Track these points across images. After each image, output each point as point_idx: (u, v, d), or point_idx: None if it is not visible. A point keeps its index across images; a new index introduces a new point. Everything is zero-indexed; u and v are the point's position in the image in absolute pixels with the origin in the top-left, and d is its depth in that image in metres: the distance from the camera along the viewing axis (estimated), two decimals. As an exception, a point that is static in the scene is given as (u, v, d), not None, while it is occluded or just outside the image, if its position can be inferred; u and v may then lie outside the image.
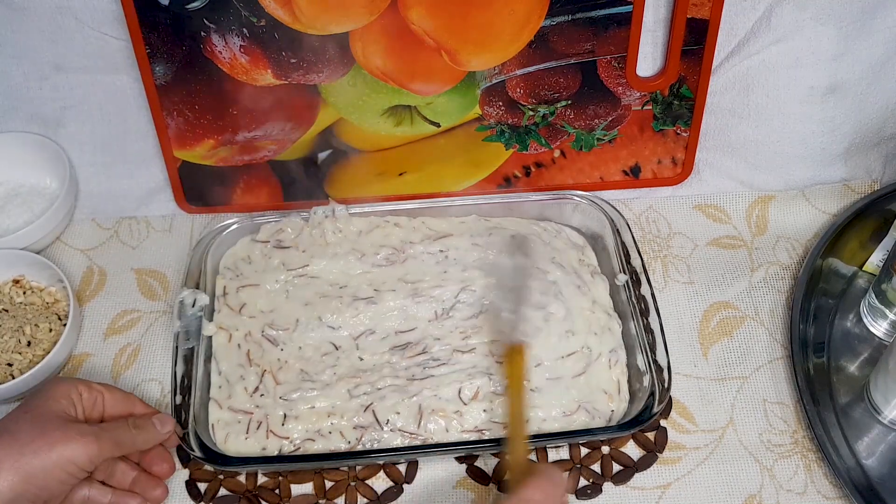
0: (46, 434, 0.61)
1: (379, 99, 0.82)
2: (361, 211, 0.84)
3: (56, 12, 0.76)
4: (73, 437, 0.61)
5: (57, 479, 0.61)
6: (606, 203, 0.85)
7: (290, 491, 0.72)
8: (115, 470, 0.68)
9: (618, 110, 0.84)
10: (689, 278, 0.85)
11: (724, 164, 0.89)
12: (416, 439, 0.71)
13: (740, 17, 0.79)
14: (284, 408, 0.72)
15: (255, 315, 0.78)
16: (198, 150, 0.85)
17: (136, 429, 0.66)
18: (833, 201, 0.89)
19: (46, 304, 0.81)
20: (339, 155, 0.86)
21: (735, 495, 0.71)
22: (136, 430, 0.66)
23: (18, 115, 0.85)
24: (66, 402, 0.65)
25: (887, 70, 0.82)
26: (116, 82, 0.82)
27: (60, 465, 0.60)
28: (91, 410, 0.67)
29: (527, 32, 0.78)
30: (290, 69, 0.79)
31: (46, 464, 0.60)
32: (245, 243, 0.84)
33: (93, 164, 0.88)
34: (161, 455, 0.70)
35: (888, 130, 0.87)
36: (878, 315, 0.78)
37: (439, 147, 0.86)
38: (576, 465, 0.73)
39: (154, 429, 0.68)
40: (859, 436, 0.73)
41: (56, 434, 0.61)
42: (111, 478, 0.68)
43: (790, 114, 0.84)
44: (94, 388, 0.67)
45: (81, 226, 0.89)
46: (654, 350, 0.74)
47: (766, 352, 0.80)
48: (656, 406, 0.71)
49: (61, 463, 0.60)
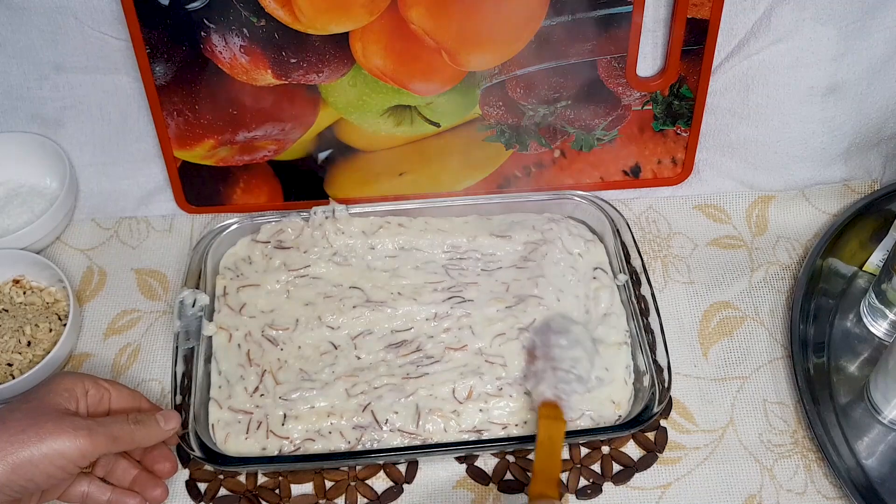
0: (38, 426, 0.60)
1: (379, 99, 0.82)
2: (362, 211, 0.84)
3: (56, 12, 0.76)
4: (65, 431, 0.60)
5: (44, 472, 0.59)
6: (606, 203, 0.85)
7: (290, 491, 0.72)
8: (117, 467, 0.68)
9: (618, 110, 0.84)
10: (689, 278, 0.85)
11: (724, 164, 0.89)
12: (416, 439, 0.71)
13: (740, 17, 0.79)
14: (284, 408, 0.72)
15: (255, 315, 0.78)
16: (198, 150, 0.85)
17: (135, 424, 0.65)
18: (833, 201, 0.89)
19: (46, 304, 0.81)
20: (339, 155, 0.86)
21: (735, 495, 0.71)
22: (136, 425, 0.65)
23: (18, 115, 0.85)
24: (66, 396, 0.64)
25: (887, 70, 0.82)
26: (116, 82, 0.82)
27: (49, 457, 0.59)
28: (96, 406, 0.66)
29: (527, 32, 0.78)
30: (290, 69, 0.79)
31: (34, 455, 0.59)
32: (245, 243, 0.84)
33: (93, 164, 0.88)
34: (163, 454, 0.69)
35: (888, 130, 0.87)
36: (878, 315, 0.78)
37: (439, 147, 0.86)
38: (576, 465, 0.73)
39: (156, 425, 0.66)
40: (859, 436, 0.73)
41: (48, 426, 0.60)
42: (112, 475, 0.68)
43: (790, 114, 0.84)
44: (100, 385, 0.66)
45: (81, 226, 0.89)
46: (654, 350, 0.74)
47: (766, 352, 0.80)
48: (656, 406, 0.71)
49: (50, 455, 0.59)
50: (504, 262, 0.82)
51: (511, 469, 0.73)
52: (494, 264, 0.82)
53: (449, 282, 0.80)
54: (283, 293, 0.80)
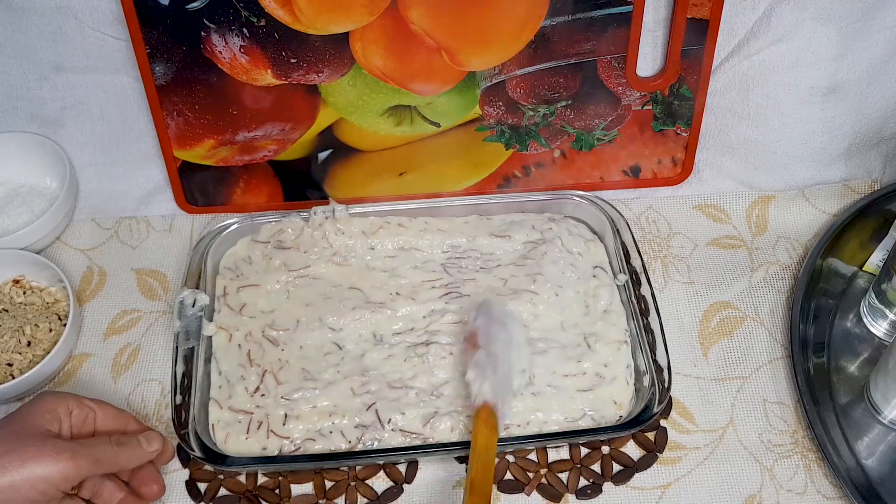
0: (20, 450, 0.58)
1: (379, 99, 0.82)
2: (362, 211, 0.84)
3: (56, 12, 0.76)
4: (48, 455, 0.59)
5: (27, 497, 0.58)
6: (606, 203, 0.85)
7: (290, 491, 0.72)
8: (103, 489, 0.65)
9: (618, 110, 0.84)
10: (689, 278, 0.85)
11: (724, 164, 0.89)
12: (417, 439, 0.71)
13: (740, 17, 0.79)
14: (285, 408, 0.72)
15: (255, 315, 0.78)
16: (198, 150, 0.85)
17: (118, 446, 0.63)
18: (833, 201, 0.89)
19: (46, 304, 0.81)
20: (339, 155, 0.86)
21: (735, 495, 0.71)
22: (119, 447, 0.63)
23: (18, 115, 0.85)
24: (49, 417, 0.62)
25: (887, 70, 0.82)
26: (116, 82, 0.82)
27: (31, 482, 0.58)
28: (81, 427, 0.64)
29: (527, 32, 0.78)
30: (290, 69, 0.79)
31: (16, 480, 0.57)
32: (245, 243, 0.84)
33: (93, 164, 0.88)
34: (151, 475, 0.67)
35: (888, 130, 0.87)
36: (878, 315, 0.78)
37: (439, 147, 0.86)
38: (576, 465, 0.73)
39: (139, 447, 0.65)
40: (859, 436, 0.73)
41: (31, 450, 0.58)
42: (98, 497, 0.66)
43: (790, 114, 0.84)
44: (85, 404, 0.65)
45: (81, 226, 0.89)
46: (654, 350, 0.74)
47: (766, 352, 0.80)
48: (656, 406, 0.71)
49: (32, 480, 0.58)
50: (503, 261, 0.82)
51: (511, 469, 0.73)
52: (493, 263, 0.82)
53: (447, 279, 0.80)
54: (284, 293, 0.80)
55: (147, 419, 0.76)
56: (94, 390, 0.78)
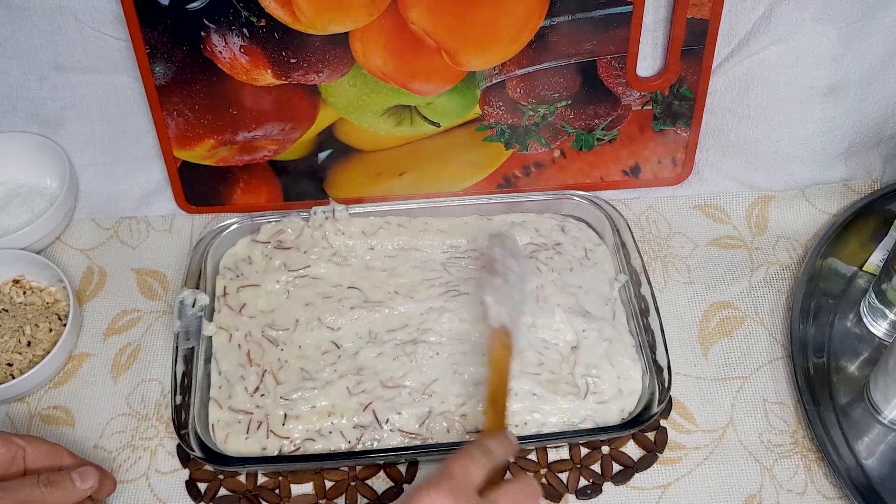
0: None
1: (379, 99, 0.82)
2: (362, 211, 0.84)
3: (56, 12, 0.76)
4: None
5: None
6: (606, 203, 0.85)
7: (290, 491, 0.72)
8: None
9: (618, 110, 0.84)
10: (689, 278, 0.85)
11: (724, 164, 0.89)
12: (416, 439, 0.71)
13: (740, 17, 0.79)
14: (285, 408, 0.72)
15: (255, 315, 0.79)
16: (198, 150, 0.85)
17: (46, 486, 0.59)
18: (833, 201, 0.89)
19: (46, 304, 0.81)
20: (339, 155, 0.86)
21: (735, 495, 0.71)
22: (47, 487, 0.59)
23: (18, 115, 0.85)
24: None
25: (887, 70, 0.82)
26: (116, 82, 0.82)
27: None
28: (9, 466, 0.60)
29: (527, 32, 0.78)
30: (290, 69, 0.79)
31: None
32: (245, 243, 0.84)
33: (93, 164, 0.88)
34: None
35: (888, 130, 0.87)
36: (878, 315, 0.78)
37: (439, 147, 0.86)
38: (576, 465, 0.73)
39: (71, 485, 0.60)
40: (859, 436, 0.73)
41: None
42: None
43: (790, 114, 0.84)
44: (12, 442, 0.61)
45: (81, 226, 0.89)
46: (654, 350, 0.74)
47: (766, 352, 0.80)
48: (656, 406, 0.71)
49: None
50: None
51: (511, 469, 0.73)
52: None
53: (447, 277, 0.80)
54: (283, 293, 0.80)
55: (147, 419, 0.76)
56: (93, 390, 0.78)
